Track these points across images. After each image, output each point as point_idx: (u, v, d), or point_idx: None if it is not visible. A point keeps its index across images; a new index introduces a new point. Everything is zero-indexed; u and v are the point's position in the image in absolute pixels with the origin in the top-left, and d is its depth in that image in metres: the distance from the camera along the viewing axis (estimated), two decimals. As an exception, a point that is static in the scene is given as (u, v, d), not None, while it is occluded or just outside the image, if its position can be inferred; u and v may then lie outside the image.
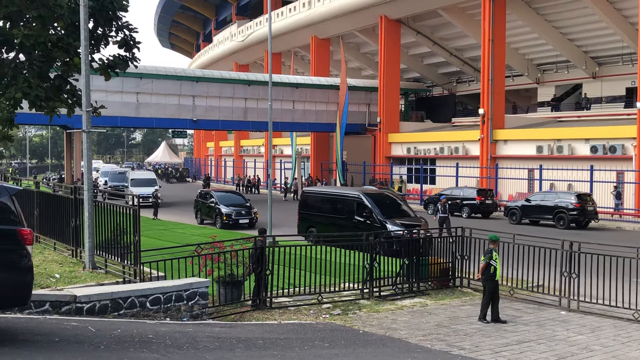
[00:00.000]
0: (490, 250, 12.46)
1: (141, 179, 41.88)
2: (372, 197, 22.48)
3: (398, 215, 21.77)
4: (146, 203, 36.42)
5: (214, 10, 79.89)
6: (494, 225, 26.49)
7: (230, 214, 29.19)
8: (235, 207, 29.78)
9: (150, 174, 46.30)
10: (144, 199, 36.23)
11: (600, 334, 11.58)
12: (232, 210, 29.44)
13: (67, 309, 9.78)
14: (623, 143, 33.66)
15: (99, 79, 15.89)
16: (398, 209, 22.46)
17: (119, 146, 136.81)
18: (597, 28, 41.05)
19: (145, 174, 47.61)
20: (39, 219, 16.84)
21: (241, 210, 29.72)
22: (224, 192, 33.09)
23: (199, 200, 32.50)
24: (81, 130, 13.84)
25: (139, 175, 45.16)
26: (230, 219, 29.00)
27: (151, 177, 43.63)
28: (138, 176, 43.70)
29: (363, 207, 21.78)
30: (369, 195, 22.49)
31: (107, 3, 13.73)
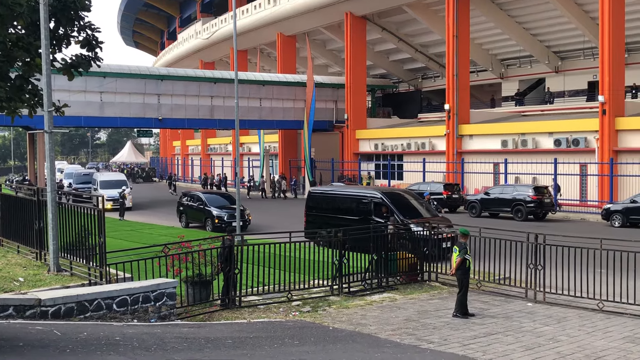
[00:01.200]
0: (464, 245, 12.54)
1: (111, 181, 39.76)
2: (392, 196, 21.34)
3: (419, 214, 20.57)
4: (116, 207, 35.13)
5: (178, 7, 79.19)
6: (456, 219, 26.70)
7: (223, 216, 27.29)
8: (226, 209, 27.88)
9: (120, 175, 44.36)
10: (115, 201, 35.18)
11: (566, 324, 11.77)
12: (225, 212, 27.53)
13: (32, 313, 9.61)
14: (586, 136, 34.27)
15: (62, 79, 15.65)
16: (419, 208, 21.32)
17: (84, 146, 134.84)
18: (559, 23, 41.71)
19: (114, 175, 45.21)
20: (2, 221, 16.54)
21: (233, 212, 27.09)
22: (212, 194, 31.21)
23: (184, 202, 30.28)
24: (43, 130, 13.62)
25: (108, 176, 42.82)
26: (222, 221, 27.11)
27: (121, 178, 41.78)
28: (107, 177, 41.51)
29: (382, 207, 20.49)
30: (388, 194, 21.30)
31: (69, 2, 13.51)
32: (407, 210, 20.54)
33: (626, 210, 27.68)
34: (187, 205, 29.88)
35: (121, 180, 40.44)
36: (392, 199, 20.94)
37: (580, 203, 33.77)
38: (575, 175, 33.86)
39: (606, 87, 32.72)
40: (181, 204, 30.65)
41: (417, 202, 21.98)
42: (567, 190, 33.47)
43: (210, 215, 27.73)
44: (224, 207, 28.19)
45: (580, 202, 33.81)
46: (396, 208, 20.34)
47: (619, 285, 12.74)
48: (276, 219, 31.60)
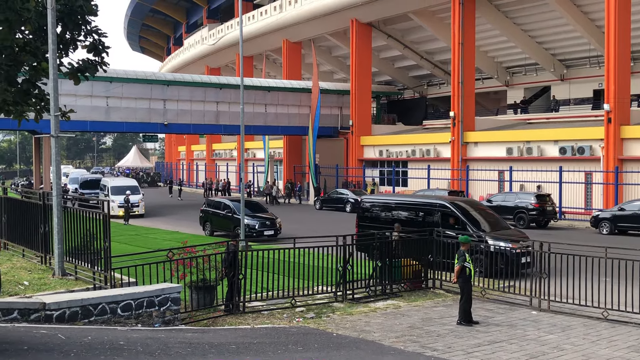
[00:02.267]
0: (462, 253, 12.53)
1: (122, 187, 38.08)
2: (461, 206, 19.65)
3: (493, 227, 19.02)
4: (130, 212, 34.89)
5: (184, 13, 79.45)
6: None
7: (254, 225, 25.72)
8: (257, 217, 26.51)
9: (131, 181, 42.69)
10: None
11: (571, 333, 11.73)
12: (256, 220, 26.07)
13: (36, 317, 9.63)
14: (591, 144, 34.20)
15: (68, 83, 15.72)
16: (492, 220, 19.74)
17: (89, 151, 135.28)
18: (564, 31, 41.69)
19: (126, 180, 43.50)
20: (7, 225, 16.59)
21: (265, 220, 26.39)
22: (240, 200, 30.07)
23: (209, 210, 28.67)
24: (49, 135, 13.67)
25: (120, 182, 41.02)
26: (253, 230, 25.63)
27: (132, 184, 40.30)
28: (119, 183, 39.86)
29: (449, 218, 19.06)
30: (457, 205, 19.71)
31: (76, 7, 13.57)
32: (479, 222, 19.01)
33: (614, 218, 27.81)
34: (213, 213, 28.21)
35: (132, 186, 39.17)
36: (462, 210, 19.33)
37: (585, 211, 33.68)
38: (580, 183, 33.78)
39: (612, 96, 32.68)
40: (205, 211, 28.98)
41: (486, 213, 20.34)
42: (572, 199, 33.40)
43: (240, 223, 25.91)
44: (254, 214, 26.68)
45: (585, 210, 33.72)
46: (468, 219, 18.87)
47: (624, 294, 12.70)
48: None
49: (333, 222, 32.04)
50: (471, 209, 20.03)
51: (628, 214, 27.43)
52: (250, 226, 25.61)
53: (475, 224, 18.74)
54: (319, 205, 41.88)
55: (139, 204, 36.95)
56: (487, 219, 19.55)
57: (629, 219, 27.36)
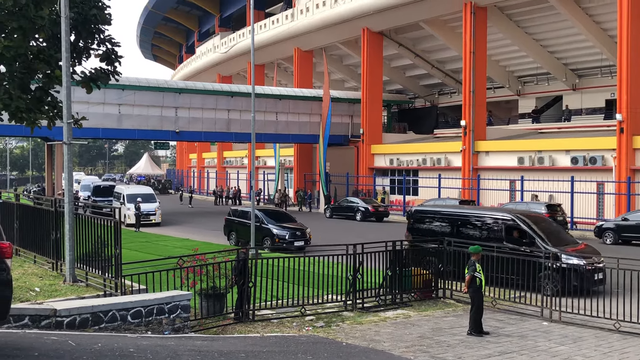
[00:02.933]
0: (473, 263, 12.49)
1: (137, 194, 36.69)
2: (528, 219, 18.32)
3: (559, 241, 17.83)
4: (147, 221, 34.70)
5: (196, 22, 79.90)
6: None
7: (284, 235, 25.04)
8: (287, 227, 25.89)
9: (146, 189, 41.28)
10: (145, 216, 34.59)
11: (582, 344, 11.64)
12: (286, 231, 25.41)
13: (47, 323, 9.66)
14: (603, 154, 34.03)
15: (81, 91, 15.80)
16: (558, 234, 18.60)
17: (101, 158, 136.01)
18: (576, 41, 41.58)
19: (141, 188, 41.70)
20: (19, 231, 16.66)
21: (295, 231, 25.66)
22: (268, 210, 29.08)
23: (234, 219, 27.73)
24: (62, 142, 13.75)
25: (136, 190, 39.46)
26: (284, 241, 24.94)
27: (149, 192, 39.00)
28: (135, 191, 38.22)
29: (514, 231, 17.93)
30: (524, 217, 18.43)
31: (90, 16, 13.68)
32: (547, 235, 17.65)
33: (618, 228, 27.69)
34: (239, 222, 27.30)
35: (148, 193, 38.08)
36: (529, 223, 18.00)
37: (597, 221, 33.44)
38: (592, 193, 33.59)
39: (624, 105, 32.52)
40: (230, 221, 28.08)
41: (553, 227, 19.25)
42: (584, 209, 33.20)
43: (270, 233, 25.48)
44: (282, 224, 26.07)
45: (597, 221, 33.48)
46: (536, 234, 17.57)
47: (636, 306, 12.60)
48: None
49: (343, 231, 32.02)
50: (537, 221, 18.66)
51: (632, 224, 27.30)
52: (280, 237, 25.04)
53: (547, 238, 17.46)
54: (329, 213, 41.86)
55: (155, 212, 36.21)
56: (554, 233, 18.37)
57: (633, 229, 27.23)
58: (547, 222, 19.50)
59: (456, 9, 40.88)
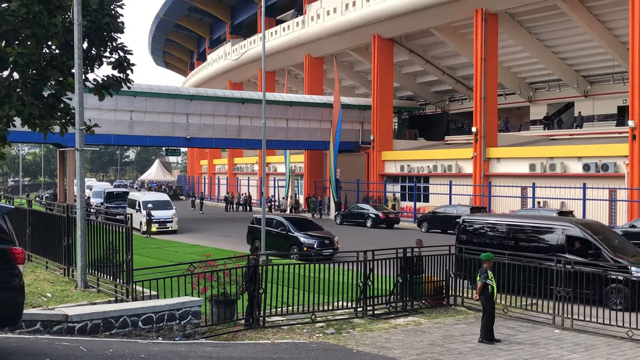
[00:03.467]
0: (485, 270, 12.43)
1: (155, 202, 35.85)
2: (591, 228, 17.39)
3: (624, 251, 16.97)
4: (163, 228, 34.32)
5: (208, 29, 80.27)
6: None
7: (312, 244, 24.11)
8: (315, 236, 25.09)
9: (163, 196, 40.23)
10: (161, 224, 34.36)
11: (594, 352, 11.56)
12: (314, 240, 24.58)
13: (59, 329, 9.71)
14: (615, 161, 33.83)
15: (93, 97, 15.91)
16: (623, 245, 17.69)
17: (113, 164, 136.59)
18: (588, 47, 41.42)
19: (157, 195, 40.31)
20: (31, 237, 16.77)
21: (324, 239, 24.87)
22: (293, 218, 28.09)
23: (259, 227, 25.80)
24: (74, 148, 13.84)
25: (152, 197, 38.21)
26: (312, 250, 23.77)
27: (165, 198, 38.11)
28: (151, 198, 37.04)
29: (576, 242, 16.97)
30: (586, 227, 17.39)
31: (103, 24, 13.79)
32: (612, 246, 16.79)
33: (625, 235, 27.29)
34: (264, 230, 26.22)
35: (164, 200, 37.20)
36: (592, 233, 17.02)
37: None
38: (604, 200, 33.39)
39: (636, 112, 32.31)
40: (254, 229, 26.95)
41: (617, 237, 18.40)
42: (596, 216, 32.95)
43: (297, 242, 24.67)
44: (309, 233, 25.34)
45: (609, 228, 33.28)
46: (601, 244, 16.58)
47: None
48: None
49: (354, 237, 31.95)
50: (600, 231, 17.69)
51: (639, 231, 26.95)
52: (309, 245, 24.22)
53: (612, 249, 16.53)
54: (340, 220, 41.82)
55: (172, 219, 35.46)
56: (618, 243, 17.51)
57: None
58: (609, 232, 18.70)
59: (467, 16, 40.84)
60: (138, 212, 34.46)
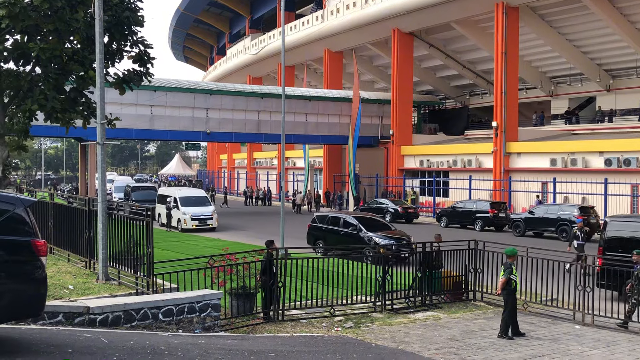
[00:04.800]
0: (509, 265, 12.39)
1: (191, 197, 34.44)
2: None
3: None
4: (203, 226, 32.86)
5: (227, 23, 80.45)
6: (502, 238, 26.27)
7: (390, 245, 20.08)
8: (391, 236, 22.78)
9: (199, 192, 37.95)
10: (201, 221, 32.89)
11: (615, 348, 11.46)
12: (392, 240, 21.95)
13: (80, 320, 9.83)
14: (637, 156, 33.42)
15: (114, 92, 16.05)
16: None
17: (133, 158, 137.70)
18: (610, 41, 40.92)
19: (194, 191, 38.17)
20: (53, 230, 16.96)
21: (401, 240, 22.46)
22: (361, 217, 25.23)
23: (322, 226, 24.96)
24: (95, 142, 13.96)
25: (188, 192, 36.27)
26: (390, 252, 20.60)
27: (201, 194, 36.37)
28: (187, 194, 35.35)
29: None
30: None
31: (123, 18, 13.90)
32: None
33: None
34: (328, 230, 24.60)
35: (202, 196, 35.63)
36: None
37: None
38: (626, 195, 33.02)
39: (660, 106, 31.94)
40: (317, 228, 25.30)
41: None
42: (618, 211, 32.62)
43: (371, 243, 21.93)
44: (382, 232, 23.10)
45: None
46: None
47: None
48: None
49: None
50: None
51: None
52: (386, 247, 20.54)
53: None
54: (359, 214, 41.72)
55: (212, 216, 33.70)
56: None
57: None
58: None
59: (487, 9, 40.52)
60: (175, 208, 33.63)
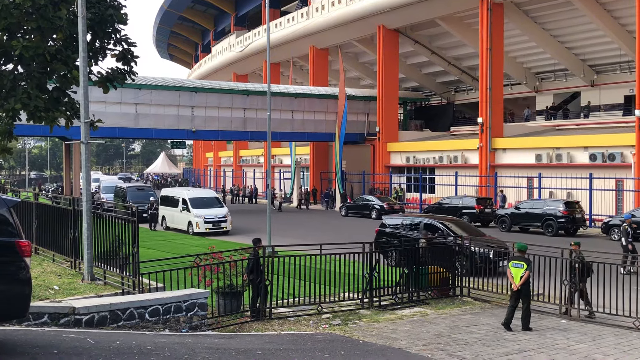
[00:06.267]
0: (529, 260, 12.67)
1: (202, 198, 32.40)
2: None
3: None
4: (217, 229, 30.47)
5: (212, 21, 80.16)
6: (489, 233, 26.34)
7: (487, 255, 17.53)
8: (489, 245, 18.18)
9: (210, 192, 36.03)
10: (215, 223, 30.53)
11: (601, 342, 11.54)
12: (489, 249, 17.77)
13: (66, 321, 9.75)
14: (622, 151, 33.69)
15: (98, 90, 15.93)
16: None
17: (118, 157, 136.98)
18: (594, 36, 41.20)
19: (204, 192, 36.28)
20: (38, 230, 16.83)
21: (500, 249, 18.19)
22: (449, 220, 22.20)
23: (395, 232, 22.07)
24: (80, 141, 13.86)
25: (198, 193, 34.20)
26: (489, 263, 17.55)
27: (212, 195, 34.38)
28: (197, 194, 33.22)
29: None
30: None
31: (107, 16, 13.79)
32: None
33: None
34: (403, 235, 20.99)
35: (213, 197, 33.50)
36: None
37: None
38: (611, 190, 33.28)
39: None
40: (389, 234, 21.99)
41: None
42: (603, 206, 32.91)
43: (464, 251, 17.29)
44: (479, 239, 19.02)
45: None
46: None
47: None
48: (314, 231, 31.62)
49: (359, 228, 31.95)
50: None
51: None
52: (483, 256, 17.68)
53: None
54: (345, 211, 41.83)
55: (226, 218, 31.14)
56: None
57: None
58: None
59: (472, 6, 40.65)
60: (184, 210, 31.62)
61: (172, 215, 32.85)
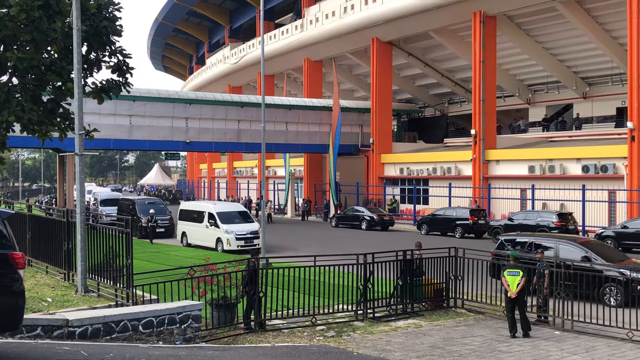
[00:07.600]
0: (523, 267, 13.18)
1: (231, 213, 30.23)
2: None
3: None
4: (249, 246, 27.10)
5: (207, 33, 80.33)
6: (483, 245, 26.42)
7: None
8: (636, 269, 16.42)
9: (238, 206, 33.43)
10: (247, 240, 28.07)
11: (595, 353, 11.56)
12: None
13: (59, 333, 9.71)
14: (614, 162, 33.85)
15: (92, 102, 15.96)
16: None
17: (112, 168, 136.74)
18: (587, 49, 41.47)
19: (232, 205, 33.85)
20: (31, 242, 16.77)
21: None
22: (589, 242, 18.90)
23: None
24: (74, 153, 13.85)
25: (225, 207, 31.95)
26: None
27: (241, 209, 32.20)
28: (225, 209, 30.97)
29: None
30: None
31: (101, 28, 13.81)
32: None
33: (617, 235, 27.41)
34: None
35: (242, 211, 31.34)
36: None
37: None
38: (604, 202, 33.40)
39: (635, 113, 32.33)
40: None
41: None
42: (596, 217, 33.02)
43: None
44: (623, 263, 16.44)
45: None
46: None
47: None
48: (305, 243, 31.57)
49: (350, 240, 31.92)
50: None
51: (631, 232, 27.06)
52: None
53: None
54: (335, 222, 41.81)
55: (258, 234, 27.62)
56: None
57: (632, 236, 26.95)
58: None
59: (465, 18, 40.89)
60: (212, 226, 29.20)
61: (195, 231, 30.41)
